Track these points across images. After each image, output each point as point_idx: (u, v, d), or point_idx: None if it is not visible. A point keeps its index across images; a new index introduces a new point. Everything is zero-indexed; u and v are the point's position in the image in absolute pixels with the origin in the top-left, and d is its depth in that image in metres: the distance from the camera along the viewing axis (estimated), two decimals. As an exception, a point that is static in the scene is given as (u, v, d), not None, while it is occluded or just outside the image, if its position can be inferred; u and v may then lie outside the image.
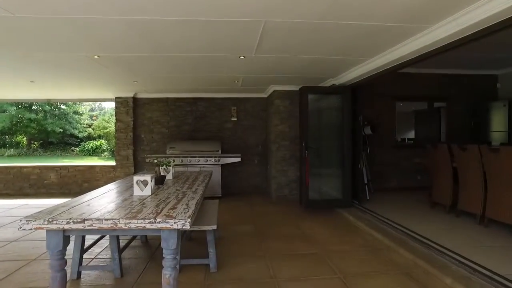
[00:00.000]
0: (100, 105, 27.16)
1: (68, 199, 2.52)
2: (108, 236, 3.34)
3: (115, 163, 7.21)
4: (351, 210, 5.13)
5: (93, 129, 23.88)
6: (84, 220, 1.85)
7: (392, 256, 3.33)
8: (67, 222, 1.83)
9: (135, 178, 2.66)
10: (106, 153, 21.11)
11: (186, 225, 1.86)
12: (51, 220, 1.82)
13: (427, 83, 6.63)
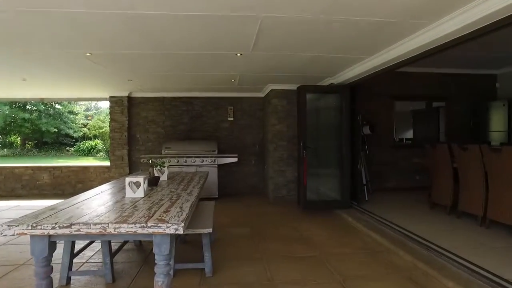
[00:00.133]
0: (96, 104, 26.89)
1: (61, 200, 2.44)
2: (100, 239, 3.22)
3: (109, 163, 7.08)
4: (350, 211, 5.05)
5: (88, 129, 23.64)
6: (71, 225, 1.75)
7: (392, 259, 3.25)
8: (53, 227, 1.73)
9: (127, 180, 2.55)
10: (102, 153, 20.91)
11: (179, 229, 1.77)
12: (35, 225, 1.71)
13: (426, 82, 6.57)
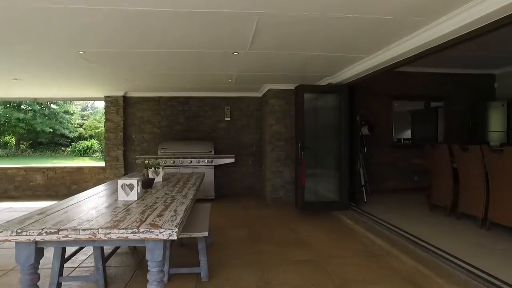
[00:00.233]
0: (93, 104, 26.62)
1: (55, 202, 2.36)
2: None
3: (104, 164, 6.97)
4: (348, 212, 4.98)
5: (84, 129, 23.42)
6: (58, 231, 1.66)
7: (392, 262, 3.18)
8: (39, 233, 1.64)
9: (120, 182, 2.46)
10: (98, 153, 20.70)
11: (173, 235, 1.68)
12: (20, 231, 1.62)
13: (425, 82, 6.52)
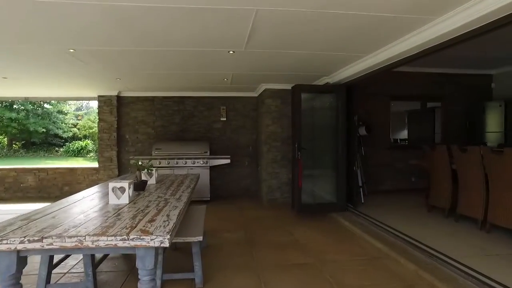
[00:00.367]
0: (87, 104, 26.33)
1: (47, 204, 2.27)
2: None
3: (98, 165, 6.83)
4: (346, 214, 4.92)
5: (78, 129, 23.12)
6: (42, 238, 1.55)
7: (391, 266, 3.11)
8: (21, 241, 1.53)
9: (111, 185, 2.36)
10: (92, 154, 20.46)
11: (164, 242, 1.59)
12: (0, 239, 1.52)
13: (422, 82, 6.47)
